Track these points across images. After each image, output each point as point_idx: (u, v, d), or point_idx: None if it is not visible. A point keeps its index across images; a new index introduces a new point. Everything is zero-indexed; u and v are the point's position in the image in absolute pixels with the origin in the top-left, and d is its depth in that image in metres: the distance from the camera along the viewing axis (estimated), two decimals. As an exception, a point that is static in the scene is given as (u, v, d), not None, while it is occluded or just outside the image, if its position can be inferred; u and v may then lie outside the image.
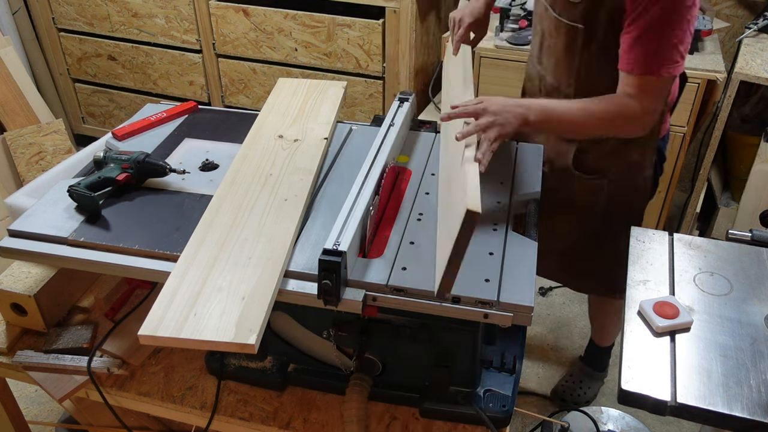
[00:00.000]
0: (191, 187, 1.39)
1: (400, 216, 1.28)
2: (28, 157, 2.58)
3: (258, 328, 1.02)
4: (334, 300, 1.09)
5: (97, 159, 1.43)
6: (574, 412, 2.09)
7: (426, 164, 1.45)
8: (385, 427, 1.27)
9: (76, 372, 1.35)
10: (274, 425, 1.28)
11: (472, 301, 1.08)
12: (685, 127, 2.26)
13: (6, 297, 1.39)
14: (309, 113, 1.58)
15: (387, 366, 1.28)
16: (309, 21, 2.63)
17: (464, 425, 1.26)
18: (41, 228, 1.27)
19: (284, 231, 1.20)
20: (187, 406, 1.32)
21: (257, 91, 2.92)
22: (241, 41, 2.79)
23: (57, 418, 2.10)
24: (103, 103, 3.28)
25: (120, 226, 1.27)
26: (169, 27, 2.89)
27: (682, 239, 1.45)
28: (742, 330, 1.21)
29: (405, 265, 1.14)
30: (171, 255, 1.19)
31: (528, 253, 1.18)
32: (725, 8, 2.64)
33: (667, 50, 1.28)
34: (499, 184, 1.38)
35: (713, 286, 1.32)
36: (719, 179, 2.68)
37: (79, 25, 3.05)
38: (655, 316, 1.22)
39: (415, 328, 1.19)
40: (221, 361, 1.35)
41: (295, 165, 1.39)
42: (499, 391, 1.28)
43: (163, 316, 1.04)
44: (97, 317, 1.48)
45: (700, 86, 2.17)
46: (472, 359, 1.23)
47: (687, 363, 1.15)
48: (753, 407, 1.06)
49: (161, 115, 1.65)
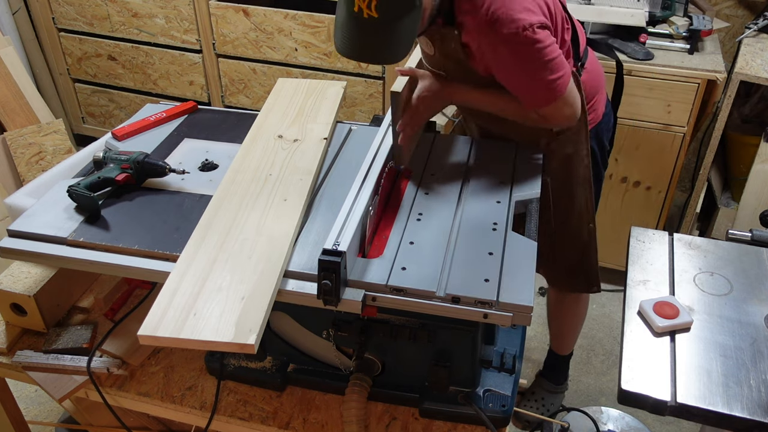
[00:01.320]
0: (191, 187, 1.39)
1: (400, 216, 1.28)
2: (28, 157, 2.58)
3: (257, 328, 1.01)
4: (334, 300, 1.08)
5: (96, 159, 1.43)
6: (574, 412, 2.09)
7: (426, 164, 1.45)
8: (384, 427, 1.27)
9: (76, 372, 1.35)
10: (273, 425, 1.28)
11: (472, 301, 1.08)
12: (685, 127, 2.27)
13: (6, 297, 1.39)
14: (309, 113, 1.58)
15: (387, 366, 1.28)
16: (309, 21, 2.62)
17: (464, 425, 1.26)
18: (41, 228, 1.27)
19: (284, 231, 1.20)
20: (186, 406, 1.32)
21: (257, 91, 2.92)
22: (241, 41, 2.79)
23: (57, 418, 2.10)
24: (103, 103, 3.28)
25: (119, 226, 1.27)
26: (169, 27, 2.89)
27: (682, 239, 1.45)
28: (742, 330, 1.21)
29: (404, 265, 1.14)
30: (170, 255, 1.19)
31: (528, 253, 1.18)
32: (725, 8, 2.64)
33: (545, 75, 1.31)
34: (499, 183, 1.38)
35: (713, 286, 1.32)
36: (719, 179, 2.67)
37: (79, 25, 3.05)
38: (655, 316, 1.22)
39: (415, 328, 1.19)
40: (221, 361, 1.35)
41: (294, 165, 1.39)
42: (498, 391, 1.28)
43: (162, 317, 1.04)
44: (96, 317, 1.48)
45: (700, 86, 2.17)
46: (471, 359, 1.23)
47: (687, 363, 1.15)
48: (753, 407, 1.06)
49: (161, 116, 1.65)
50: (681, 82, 2.19)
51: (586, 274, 1.78)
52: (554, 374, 2.17)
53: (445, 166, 1.44)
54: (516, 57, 1.31)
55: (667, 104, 2.24)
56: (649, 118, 2.29)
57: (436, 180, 1.40)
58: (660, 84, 2.21)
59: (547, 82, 1.32)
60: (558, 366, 2.16)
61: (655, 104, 2.25)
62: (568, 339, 2.09)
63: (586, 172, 1.63)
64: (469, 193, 1.35)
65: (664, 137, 2.30)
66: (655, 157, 2.35)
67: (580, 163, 1.61)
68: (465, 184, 1.38)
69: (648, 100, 2.25)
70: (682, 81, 2.19)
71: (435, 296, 1.09)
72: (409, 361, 1.26)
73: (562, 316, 2.03)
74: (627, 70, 2.22)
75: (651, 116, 2.28)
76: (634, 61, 2.22)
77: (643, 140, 2.33)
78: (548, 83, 1.32)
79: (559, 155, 1.59)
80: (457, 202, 1.32)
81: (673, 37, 2.31)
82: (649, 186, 2.43)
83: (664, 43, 2.30)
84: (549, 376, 2.18)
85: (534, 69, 1.31)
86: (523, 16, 1.26)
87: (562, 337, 2.09)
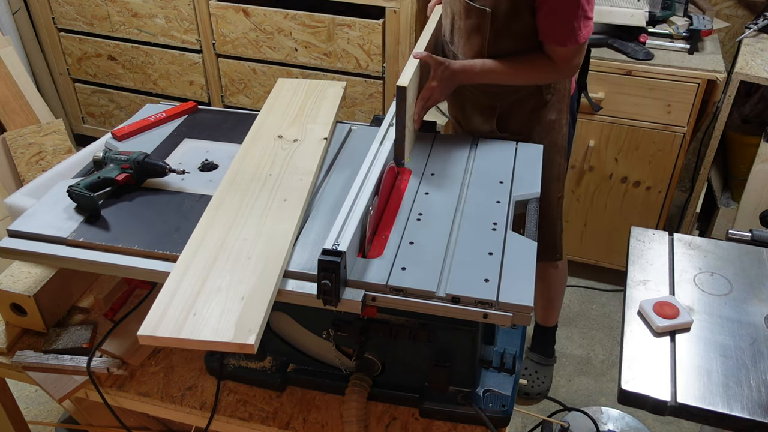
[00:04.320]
0: (191, 188, 1.39)
1: (400, 216, 1.28)
2: (28, 157, 2.58)
3: (257, 329, 1.01)
4: (334, 300, 1.08)
5: (96, 159, 1.43)
6: (574, 412, 2.09)
7: (426, 164, 1.45)
8: (384, 427, 1.27)
9: (76, 372, 1.35)
10: (273, 425, 1.28)
11: (472, 301, 1.08)
12: (685, 127, 2.27)
13: (6, 297, 1.39)
14: (308, 113, 1.58)
15: (386, 366, 1.28)
16: (309, 21, 2.62)
17: (464, 425, 1.26)
18: (41, 228, 1.27)
19: (284, 231, 1.20)
20: (186, 406, 1.32)
21: (257, 91, 2.92)
22: (241, 41, 2.79)
23: (57, 418, 2.10)
24: (103, 103, 3.28)
25: (119, 226, 1.27)
26: (169, 27, 2.89)
27: (682, 239, 1.45)
28: (742, 330, 1.21)
29: (404, 265, 1.14)
30: (170, 255, 1.19)
31: (528, 253, 1.18)
32: (725, 8, 2.64)
33: (577, 19, 1.46)
34: (498, 183, 1.38)
35: (713, 286, 1.32)
36: (719, 179, 2.67)
37: (79, 25, 3.05)
38: (655, 316, 1.22)
39: (415, 328, 1.19)
40: (221, 362, 1.35)
41: (294, 165, 1.39)
42: (498, 391, 1.28)
43: (162, 317, 1.04)
44: (96, 317, 1.48)
45: (700, 86, 2.17)
46: (471, 359, 1.23)
47: (687, 363, 1.15)
48: (753, 407, 1.06)
49: (161, 116, 1.65)
50: (681, 82, 2.19)
51: (552, 243, 1.86)
52: (543, 347, 2.27)
53: (445, 166, 1.44)
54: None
55: (667, 104, 2.24)
56: (649, 118, 2.29)
57: (436, 180, 1.40)
58: (660, 84, 2.21)
59: (578, 25, 1.47)
60: (546, 339, 2.26)
61: (655, 104, 2.25)
62: (552, 310, 2.19)
63: (563, 141, 1.73)
64: (468, 193, 1.35)
65: (664, 137, 2.30)
66: (655, 157, 2.35)
67: (560, 130, 1.71)
68: (465, 184, 1.38)
69: (648, 100, 2.25)
70: (682, 81, 2.19)
71: (435, 296, 1.09)
72: (409, 361, 1.26)
73: (544, 289, 2.11)
74: (627, 70, 2.22)
75: (651, 116, 2.28)
76: (634, 61, 2.22)
77: (643, 140, 2.33)
78: (578, 26, 1.47)
79: (543, 121, 1.68)
80: (457, 202, 1.32)
81: (673, 37, 2.31)
82: (649, 186, 2.43)
83: (664, 43, 2.30)
84: (538, 349, 2.27)
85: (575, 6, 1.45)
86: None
87: (545, 309, 2.19)
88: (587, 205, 2.55)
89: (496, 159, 1.47)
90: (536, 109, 1.67)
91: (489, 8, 1.51)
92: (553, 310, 2.19)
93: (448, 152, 1.49)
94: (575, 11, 1.45)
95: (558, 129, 1.70)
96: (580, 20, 1.47)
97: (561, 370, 2.35)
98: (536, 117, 1.67)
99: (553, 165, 1.73)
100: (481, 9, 1.52)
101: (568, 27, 1.47)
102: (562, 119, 1.70)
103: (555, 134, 1.71)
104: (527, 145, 1.52)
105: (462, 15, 1.59)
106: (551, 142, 1.70)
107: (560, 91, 1.66)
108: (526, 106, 1.67)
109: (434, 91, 1.51)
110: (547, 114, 1.68)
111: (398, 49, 2.58)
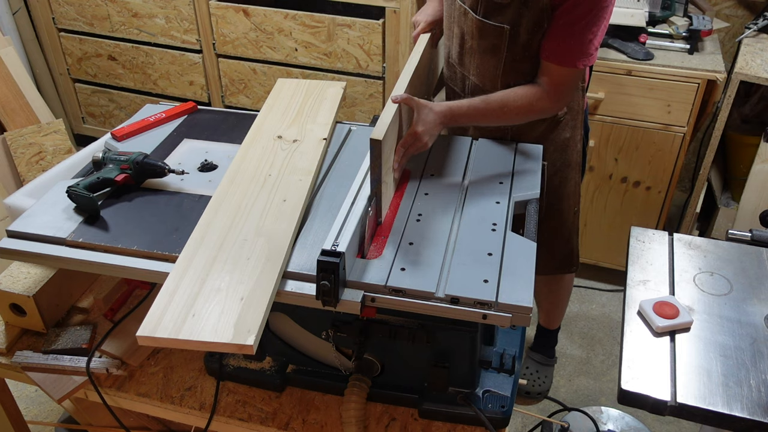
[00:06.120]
0: (190, 188, 1.39)
1: (399, 216, 1.28)
2: (28, 157, 2.58)
3: (256, 329, 1.01)
4: (333, 301, 1.08)
5: (96, 159, 1.43)
6: (574, 412, 2.09)
7: (425, 165, 1.45)
8: (384, 428, 1.27)
9: (75, 372, 1.35)
10: (273, 426, 1.28)
11: (471, 301, 1.08)
12: (685, 127, 2.26)
13: (5, 297, 1.39)
14: (308, 114, 1.58)
15: (386, 367, 1.28)
16: (309, 21, 2.62)
17: (463, 426, 1.26)
18: (40, 229, 1.27)
19: (283, 231, 1.20)
20: (186, 406, 1.32)
21: (257, 91, 2.91)
22: (241, 41, 2.78)
23: (56, 418, 2.10)
24: (103, 103, 3.28)
25: (119, 226, 1.27)
26: (169, 27, 2.88)
27: (682, 239, 1.45)
28: (742, 330, 1.21)
29: (404, 266, 1.14)
30: (170, 256, 1.19)
31: (527, 253, 1.18)
32: (725, 8, 2.64)
33: (584, 45, 1.40)
34: (498, 184, 1.38)
35: (713, 286, 1.32)
36: (719, 179, 2.67)
37: (79, 25, 3.05)
38: (655, 316, 1.22)
39: (414, 328, 1.19)
40: (220, 362, 1.35)
41: (294, 165, 1.39)
42: (498, 392, 1.28)
43: (161, 317, 1.04)
44: (96, 318, 1.48)
45: (700, 86, 2.17)
46: (471, 360, 1.23)
47: (687, 363, 1.15)
48: (753, 407, 1.06)
49: (160, 116, 1.65)
50: (681, 82, 2.19)
51: (569, 255, 1.86)
52: (545, 348, 2.28)
53: (444, 167, 1.44)
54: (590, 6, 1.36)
55: (667, 104, 2.24)
56: (649, 118, 2.29)
57: (435, 180, 1.39)
58: (660, 84, 2.21)
59: (584, 49, 1.40)
60: (548, 340, 2.27)
61: (655, 104, 2.25)
62: (557, 315, 2.20)
63: (578, 157, 1.69)
64: (468, 194, 1.35)
65: (664, 137, 2.30)
66: (655, 157, 2.35)
67: (574, 147, 1.67)
68: (464, 185, 1.38)
69: (648, 100, 2.25)
70: (682, 81, 2.18)
71: (434, 297, 1.09)
72: (408, 362, 1.26)
73: (550, 295, 2.12)
74: (627, 70, 2.22)
75: (651, 116, 2.28)
76: (634, 61, 2.21)
77: (643, 140, 2.33)
78: (583, 50, 1.41)
79: (556, 141, 1.64)
80: (457, 203, 1.32)
81: (673, 37, 2.30)
82: (649, 186, 2.42)
83: (664, 43, 2.29)
84: (540, 349, 2.28)
85: (591, 25, 1.38)
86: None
87: (553, 313, 2.19)
88: (587, 205, 2.55)
89: (496, 159, 1.47)
90: (549, 129, 1.62)
91: (508, 25, 1.44)
92: (558, 313, 2.19)
93: (448, 153, 1.49)
94: (588, 32, 1.38)
95: (572, 147, 1.66)
96: (587, 45, 1.40)
97: (561, 370, 2.35)
98: (549, 138, 1.62)
99: (568, 182, 1.70)
100: (499, 27, 1.45)
101: (576, 46, 1.40)
102: (576, 136, 1.65)
103: (569, 152, 1.67)
104: (527, 145, 1.52)
105: (474, 34, 1.51)
106: (566, 160, 1.66)
107: (573, 108, 1.62)
108: (539, 126, 1.61)
109: (417, 138, 1.34)
110: (561, 133, 1.63)
111: (398, 49, 2.58)
